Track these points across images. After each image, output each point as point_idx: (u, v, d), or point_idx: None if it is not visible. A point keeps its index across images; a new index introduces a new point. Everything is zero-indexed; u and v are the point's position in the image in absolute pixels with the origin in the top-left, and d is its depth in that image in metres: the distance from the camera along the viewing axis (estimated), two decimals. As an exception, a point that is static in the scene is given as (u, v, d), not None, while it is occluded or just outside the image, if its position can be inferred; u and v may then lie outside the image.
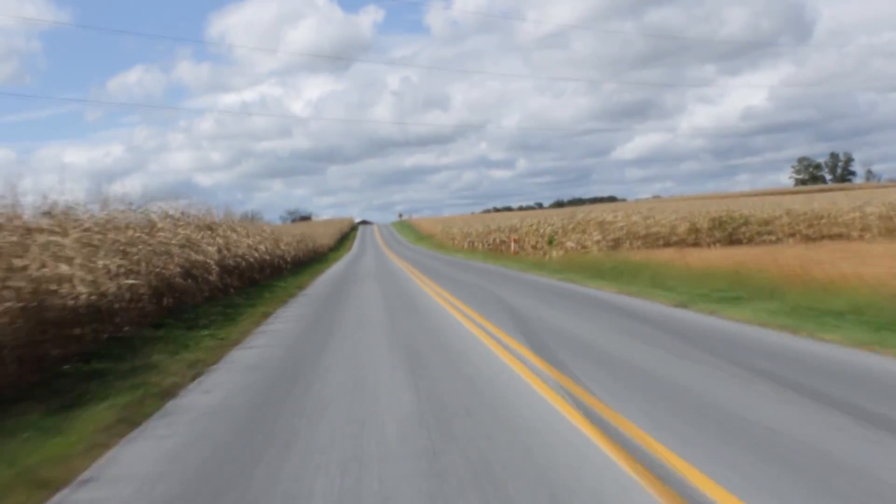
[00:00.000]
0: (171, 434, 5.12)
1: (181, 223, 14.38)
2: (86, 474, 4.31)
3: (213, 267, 15.44)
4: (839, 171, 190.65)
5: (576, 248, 23.36)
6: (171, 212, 14.50)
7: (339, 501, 3.56)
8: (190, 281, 13.65)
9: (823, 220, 23.84)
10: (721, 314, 9.38)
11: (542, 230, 27.41)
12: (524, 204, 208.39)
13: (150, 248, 11.28)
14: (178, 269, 12.93)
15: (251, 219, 31.58)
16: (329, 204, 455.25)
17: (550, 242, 25.32)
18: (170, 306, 12.49)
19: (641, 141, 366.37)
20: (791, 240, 21.95)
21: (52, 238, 7.90)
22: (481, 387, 5.90)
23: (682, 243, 22.32)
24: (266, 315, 12.83)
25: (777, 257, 13.22)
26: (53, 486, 4.11)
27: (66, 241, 8.12)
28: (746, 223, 24.04)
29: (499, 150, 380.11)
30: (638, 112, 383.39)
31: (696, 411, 4.75)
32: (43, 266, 7.77)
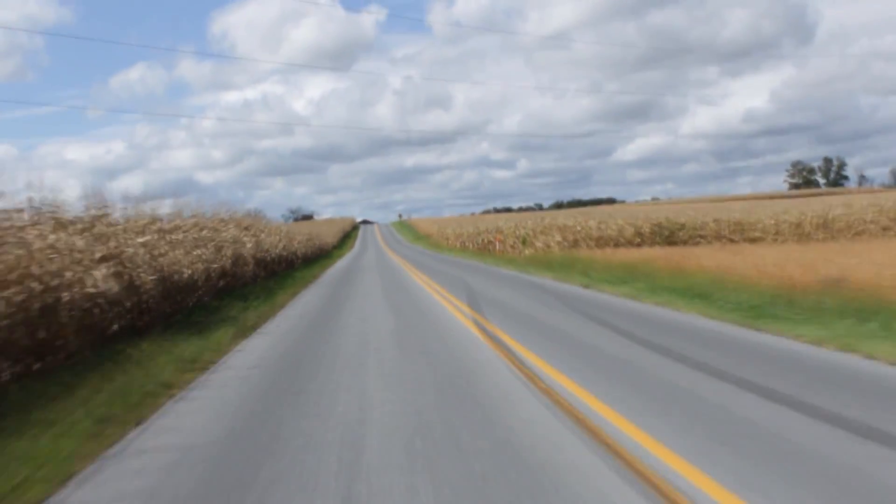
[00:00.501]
0: (267, 338, 9.77)
1: (230, 224, 19.02)
2: (224, 359, 8.88)
3: (250, 259, 20.10)
4: (832, 175, 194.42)
5: (542, 248, 28.07)
6: (223, 215, 19.15)
7: (358, 344, 8.18)
8: (235, 269, 18.29)
9: (744, 227, 28.51)
10: (607, 291, 14.02)
11: (518, 232, 32.11)
12: (524, 205, 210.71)
13: (214, 244, 15.90)
14: (229, 260, 17.57)
15: (255, 217, 36.00)
16: (330, 203, 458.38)
17: (524, 243, 30.05)
18: (223, 287, 17.12)
19: (643, 143, 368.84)
20: (718, 242, 26.52)
21: (174, 237, 12.54)
22: (432, 319, 10.56)
23: (628, 244, 26.98)
24: (294, 294, 17.47)
25: (673, 255, 17.87)
26: (201, 368, 8.63)
27: (178, 237, 12.76)
28: (682, 228, 28.71)
29: (500, 150, 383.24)
30: (639, 114, 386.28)
31: (557, 339, 9.15)
32: (165, 254, 12.39)
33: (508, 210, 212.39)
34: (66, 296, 8.09)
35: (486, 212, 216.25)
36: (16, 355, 7.34)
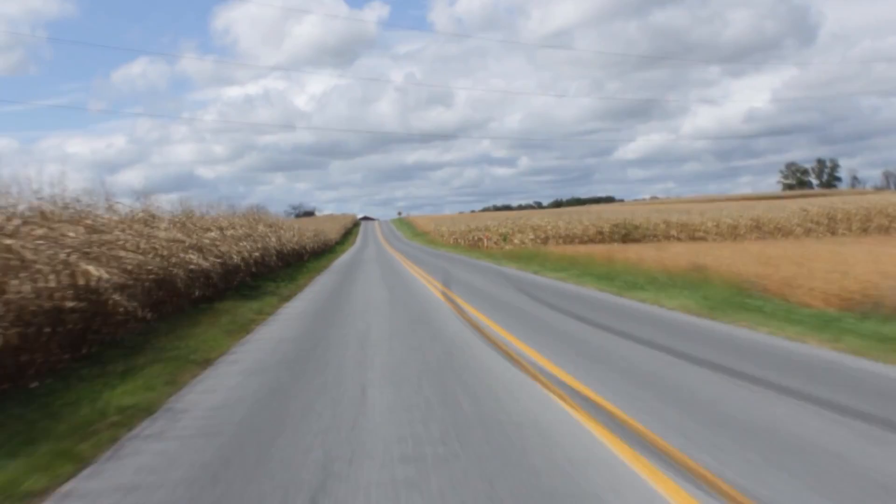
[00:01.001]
0: (301, 304, 14.42)
1: (260, 223, 23.67)
2: (279, 311, 13.51)
3: (273, 251, 24.73)
4: (825, 176, 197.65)
5: (519, 244, 32.69)
6: (253, 216, 23.81)
7: (363, 305, 12.83)
8: (264, 258, 22.92)
9: (689, 228, 33.13)
10: (548, 276, 18.66)
11: (500, 230, 36.80)
12: (524, 202, 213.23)
13: (251, 237, 20.55)
14: (259, 251, 22.20)
15: (257, 212, 40.63)
16: (331, 199, 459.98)
17: (504, 240, 34.73)
18: (255, 272, 21.75)
19: (644, 141, 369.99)
20: (665, 241, 31.08)
21: (228, 232, 17.19)
22: (414, 292, 15.24)
23: (591, 241, 31.62)
24: (311, 278, 22.12)
25: (613, 250, 22.49)
26: (268, 314, 13.25)
27: (229, 234, 17.42)
28: (637, 228, 33.34)
29: (501, 148, 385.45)
30: (641, 113, 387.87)
31: (490, 301, 13.82)
32: (221, 244, 17.02)
33: (508, 208, 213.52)
34: (177, 270, 12.73)
35: (486, 209, 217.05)
36: (150, 305, 12.00)
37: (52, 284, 7.51)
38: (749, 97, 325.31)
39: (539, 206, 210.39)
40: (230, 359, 8.13)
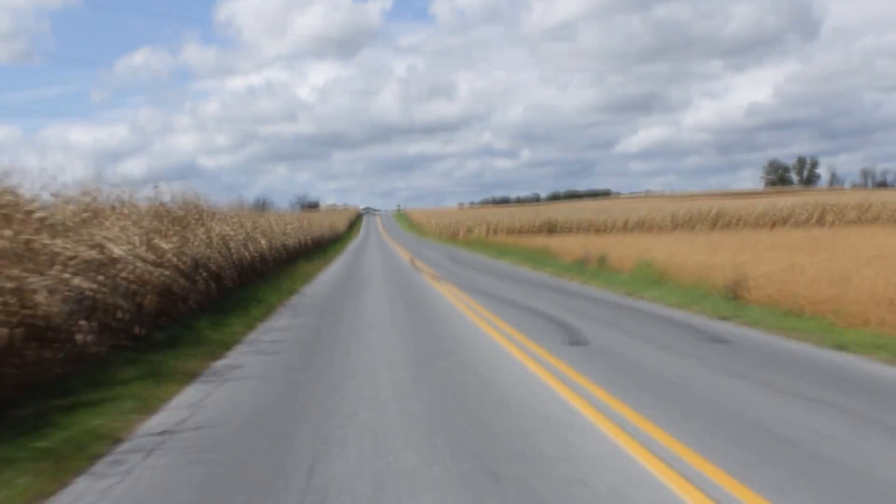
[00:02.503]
0: (335, 265, 27.31)
1: (304, 218, 36.52)
2: (302, 290, 26.27)
3: (308, 239, 37.59)
4: (805, 174, 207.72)
5: (477, 234, 45.40)
6: (295, 212, 36.71)
7: (368, 270, 25.65)
8: (311, 242, 35.79)
9: (600, 224, 45.64)
10: (482, 255, 31.50)
11: (467, 224, 49.68)
12: (522, 195, 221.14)
13: (302, 229, 33.37)
14: (309, 238, 35.02)
15: (263, 206, 53.64)
16: (332, 189, 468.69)
17: (469, 231, 47.58)
18: (299, 253, 34.54)
19: (645, 134, 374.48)
20: (579, 233, 43.51)
21: (296, 225, 30.11)
22: (393, 261, 28.20)
23: (528, 232, 44.23)
24: (335, 257, 34.98)
25: (535, 241, 35.29)
26: (294, 292, 25.93)
27: (282, 228, 30.38)
28: (557, 224, 45.99)
29: (503, 139, 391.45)
30: (643, 106, 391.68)
31: (434, 264, 26.60)
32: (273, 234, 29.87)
33: (506, 201, 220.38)
34: (246, 254, 25.53)
35: (485, 202, 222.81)
36: (231, 279, 24.80)
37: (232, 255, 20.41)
38: (751, 91, 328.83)
39: (537, 198, 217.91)
40: (322, 276, 20.96)
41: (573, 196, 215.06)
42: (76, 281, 7.34)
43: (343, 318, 12.36)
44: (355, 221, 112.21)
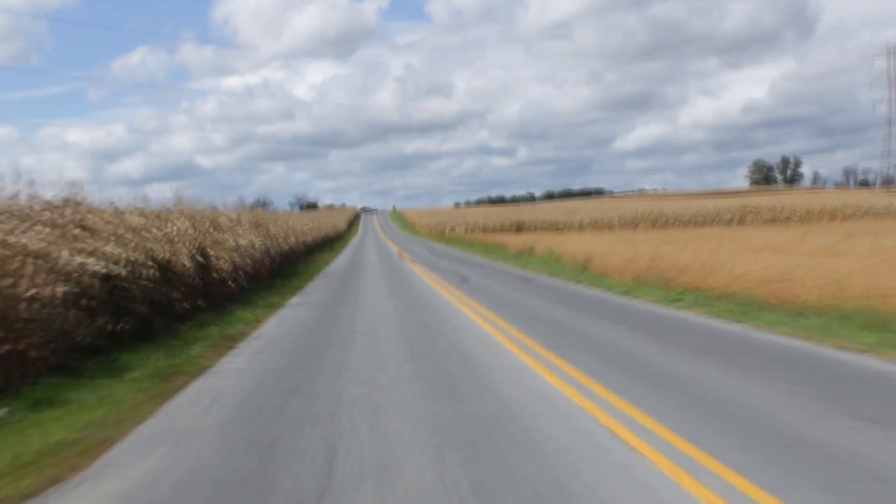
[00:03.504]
0: (346, 253, 36.31)
1: (319, 218, 45.49)
2: (324, 270, 35.20)
3: (320, 237, 46.57)
4: (788, 173, 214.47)
5: (458, 232, 54.34)
6: (313, 215, 45.68)
7: (367, 261, 34.65)
8: (315, 241, 44.75)
9: (560, 224, 54.47)
10: (456, 249, 40.50)
11: (450, 224, 58.68)
12: (518, 194, 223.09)
13: (317, 229, 42.32)
14: (321, 236, 43.97)
15: (263, 206, 62.62)
16: (329, 188, 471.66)
17: (452, 230, 56.58)
18: (313, 247, 43.47)
19: (642, 132, 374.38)
20: (543, 232, 52.32)
21: (309, 226, 39.15)
22: (385, 252, 37.23)
23: (499, 231, 53.11)
24: (341, 250, 43.96)
25: (504, 237, 44.32)
26: (320, 270, 34.84)
27: (299, 227, 39.42)
28: (524, 224, 54.81)
29: (500, 138, 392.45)
30: (639, 104, 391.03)
31: (416, 255, 35.61)
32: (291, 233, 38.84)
33: (502, 200, 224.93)
34: (285, 246, 34.46)
35: (481, 201, 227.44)
36: (258, 277, 33.75)
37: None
38: (747, 89, 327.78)
39: (532, 197, 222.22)
40: (335, 261, 29.89)
41: (567, 195, 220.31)
42: (235, 256, 16.32)
43: (354, 279, 21.37)
44: (354, 221, 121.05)
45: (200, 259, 12.90)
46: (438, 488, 4.04)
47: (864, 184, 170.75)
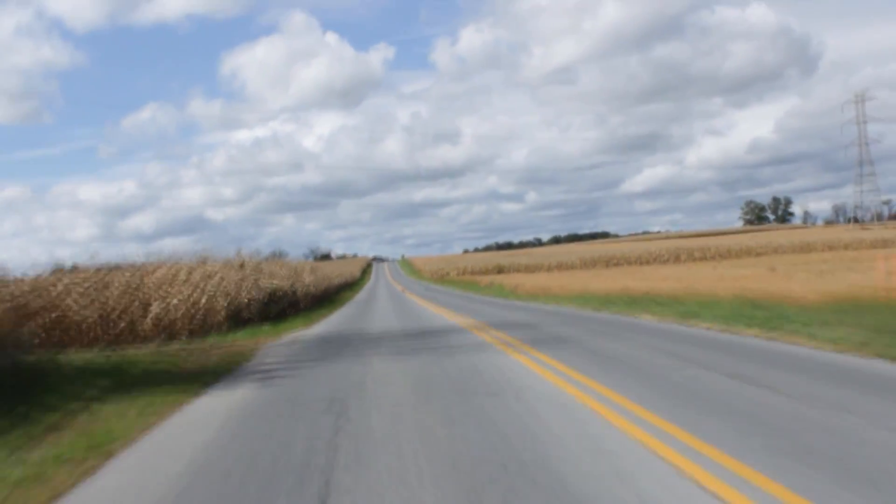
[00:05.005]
0: (363, 291, 49.73)
1: (347, 266, 59.04)
2: (348, 301, 48.53)
3: (343, 282, 60.04)
4: (780, 212, 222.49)
5: (452, 276, 67.53)
6: (341, 262, 59.24)
7: (380, 292, 48.04)
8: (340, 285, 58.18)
9: (532, 266, 67.42)
10: (444, 287, 53.77)
11: (446, 269, 72.06)
12: (525, 239, 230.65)
13: (341, 276, 55.83)
14: (343, 280, 57.38)
15: (279, 256, 76.25)
16: (340, 238, 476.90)
17: (447, 274, 69.89)
18: (339, 289, 56.82)
19: (650, 173, 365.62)
20: (518, 272, 65.12)
21: (334, 271, 52.71)
22: (392, 289, 50.62)
23: (484, 273, 66.07)
24: (358, 290, 57.32)
25: (480, 279, 57.56)
26: (346, 301, 48.10)
27: (329, 273, 53.03)
28: (504, 266, 67.81)
29: (508, 183, 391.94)
30: (645, 145, 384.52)
31: (415, 292, 48.81)
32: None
33: (510, 245, 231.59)
34: (314, 289, 47.86)
35: (489, 247, 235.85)
36: (318, 300, 47.12)
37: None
38: (752, 127, 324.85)
39: (539, 242, 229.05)
40: (356, 297, 43.25)
41: (574, 239, 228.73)
42: (310, 289, 29.79)
43: (372, 303, 34.70)
44: (367, 268, 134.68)
45: (298, 288, 26.35)
46: (388, 318, 17.47)
47: (856, 220, 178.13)
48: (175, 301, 15.66)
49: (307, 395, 7.07)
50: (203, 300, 16.78)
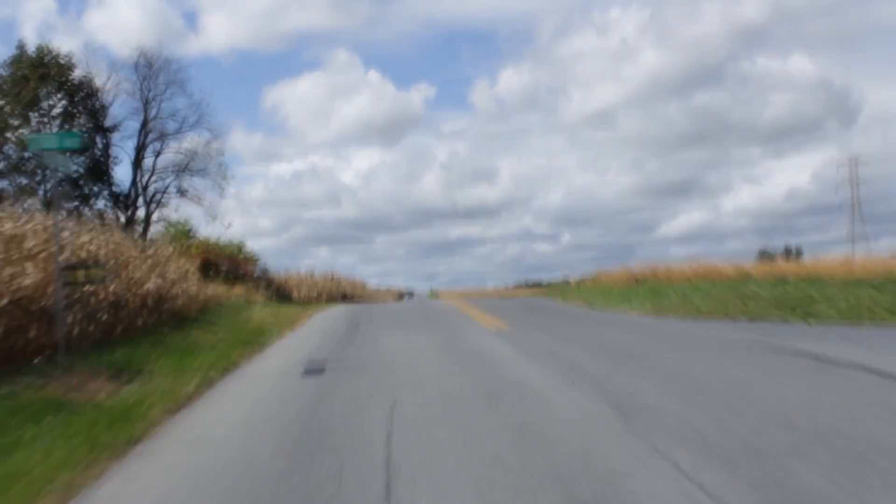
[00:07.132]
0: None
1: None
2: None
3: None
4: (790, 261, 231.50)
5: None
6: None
7: (405, 310, 59.50)
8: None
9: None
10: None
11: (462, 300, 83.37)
12: (554, 279, 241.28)
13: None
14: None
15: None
16: (374, 272, 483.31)
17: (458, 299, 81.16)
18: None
19: (686, 219, 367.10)
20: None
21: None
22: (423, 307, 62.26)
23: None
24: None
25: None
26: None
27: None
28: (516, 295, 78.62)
29: (543, 223, 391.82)
30: (682, 191, 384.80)
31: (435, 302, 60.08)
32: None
33: (539, 284, 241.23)
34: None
35: (519, 285, 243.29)
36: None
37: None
38: (790, 177, 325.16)
39: (567, 281, 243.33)
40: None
41: None
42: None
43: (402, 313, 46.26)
44: (399, 297, 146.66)
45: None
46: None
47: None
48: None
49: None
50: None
